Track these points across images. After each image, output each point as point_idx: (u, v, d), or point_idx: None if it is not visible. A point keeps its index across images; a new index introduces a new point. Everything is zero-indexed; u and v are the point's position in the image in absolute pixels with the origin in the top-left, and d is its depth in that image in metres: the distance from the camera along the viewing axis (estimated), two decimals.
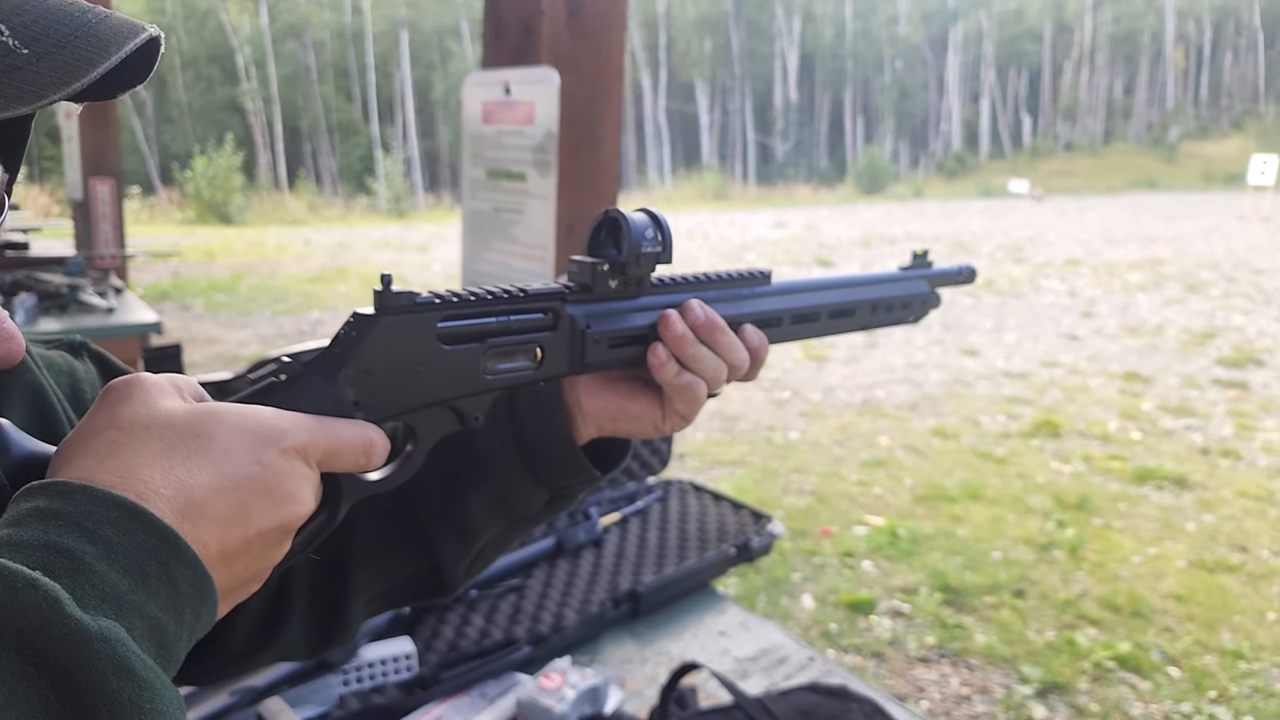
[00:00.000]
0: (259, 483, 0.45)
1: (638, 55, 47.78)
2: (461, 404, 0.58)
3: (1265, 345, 7.95)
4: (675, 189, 41.50)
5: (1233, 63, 58.80)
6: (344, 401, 0.52)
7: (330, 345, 0.53)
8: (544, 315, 0.61)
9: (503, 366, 0.59)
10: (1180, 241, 16.69)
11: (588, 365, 0.63)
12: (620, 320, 0.64)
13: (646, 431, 0.69)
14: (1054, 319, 9.25)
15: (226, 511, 0.44)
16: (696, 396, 0.66)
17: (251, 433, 0.46)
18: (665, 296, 0.67)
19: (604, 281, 0.64)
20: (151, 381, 0.47)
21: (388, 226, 24.15)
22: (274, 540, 0.47)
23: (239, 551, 0.45)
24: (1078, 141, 56.11)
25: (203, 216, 25.99)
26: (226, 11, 40.29)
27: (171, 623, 0.40)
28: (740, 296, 0.71)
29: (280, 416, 0.48)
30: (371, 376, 0.53)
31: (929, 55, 56.53)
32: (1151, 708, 2.78)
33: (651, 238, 0.64)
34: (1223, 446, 5.26)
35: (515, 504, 0.69)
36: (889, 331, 8.64)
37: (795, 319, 0.75)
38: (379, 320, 0.53)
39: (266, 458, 0.46)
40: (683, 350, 0.64)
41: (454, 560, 0.70)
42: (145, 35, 0.44)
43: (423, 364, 0.55)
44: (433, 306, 0.55)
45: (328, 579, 0.69)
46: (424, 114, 44.94)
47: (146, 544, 0.40)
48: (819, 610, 3.36)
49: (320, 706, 1.18)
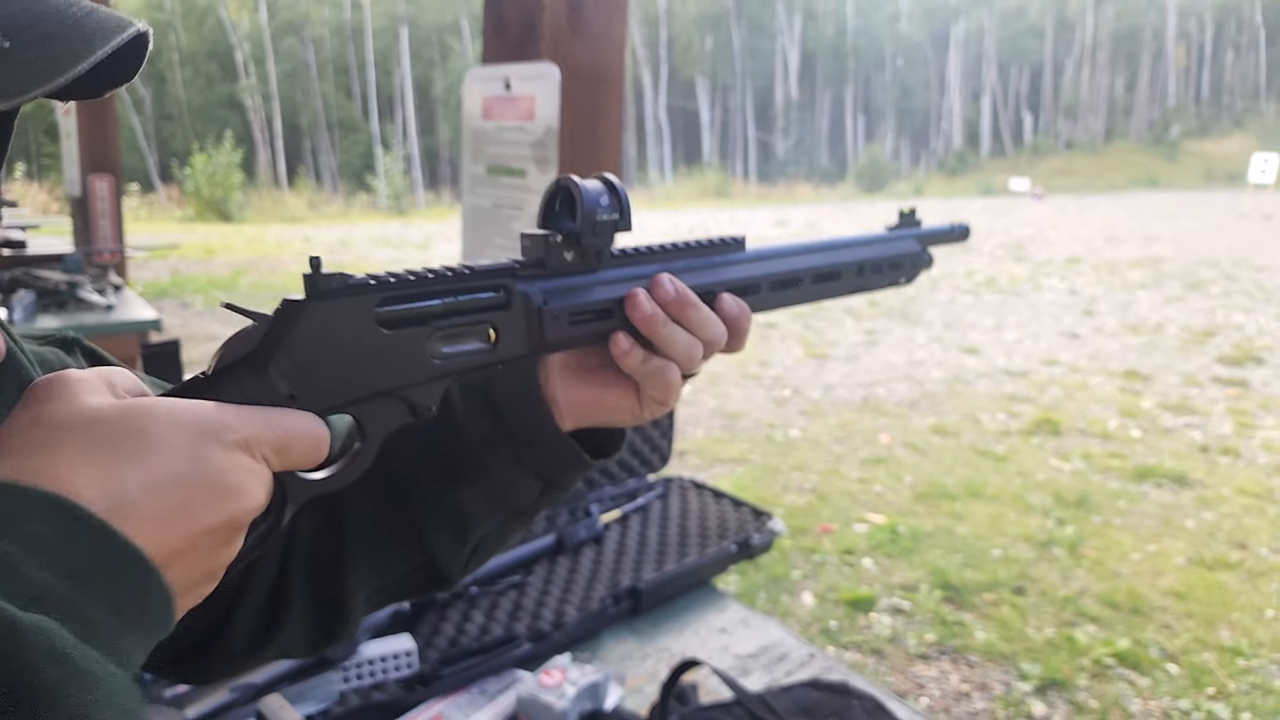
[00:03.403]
0: (200, 478, 0.42)
1: (638, 52, 47.74)
2: (410, 393, 0.54)
3: (1265, 343, 7.94)
4: (676, 186, 41.50)
5: (1234, 60, 58.74)
6: (276, 395, 0.49)
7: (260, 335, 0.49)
8: (495, 294, 0.57)
9: (452, 350, 0.55)
10: (1181, 240, 16.68)
11: (549, 344, 0.59)
12: (581, 295, 0.60)
13: (625, 421, 0.66)
14: (1054, 317, 9.25)
15: (164, 509, 0.41)
16: (669, 381, 0.62)
17: (188, 427, 0.43)
18: (628, 269, 0.62)
19: (558, 254, 0.59)
20: (77, 378, 0.44)
21: (388, 224, 24.15)
22: (223, 538, 0.44)
23: (184, 550, 0.42)
24: (1079, 139, 56.08)
25: (202, 214, 25.99)
26: (226, 8, 40.25)
27: (113, 623, 0.38)
28: (712, 265, 0.66)
29: (222, 409, 0.45)
30: (305, 367, 0.49)
31: (930, 53, 56.47)
32: (1150, 704, 2.79)
33: (607, 205, 0.59)
34: (1222, 444, 5.26)
35: (509, 497, 0.67)
36: (889, 329, 8.64)
37: (775, 285, 0.69)
38: (308, 306, 0.49)
39: (206, 452, 0.43)
40: (654, 332, 0.60)
41: (450, 555, 0.68)
42: (132, 30, 0.43)
43: (363, 351, 0.51)
44: (368, 289, 0.51)
45: (327, 576, 0.68)
46: (424, 111, 44.91)
47: (79, 541, 0.37)
48: (819, 607, 3.36)
49: (320, 703, 1.18)
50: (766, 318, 9.18)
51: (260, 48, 40.51)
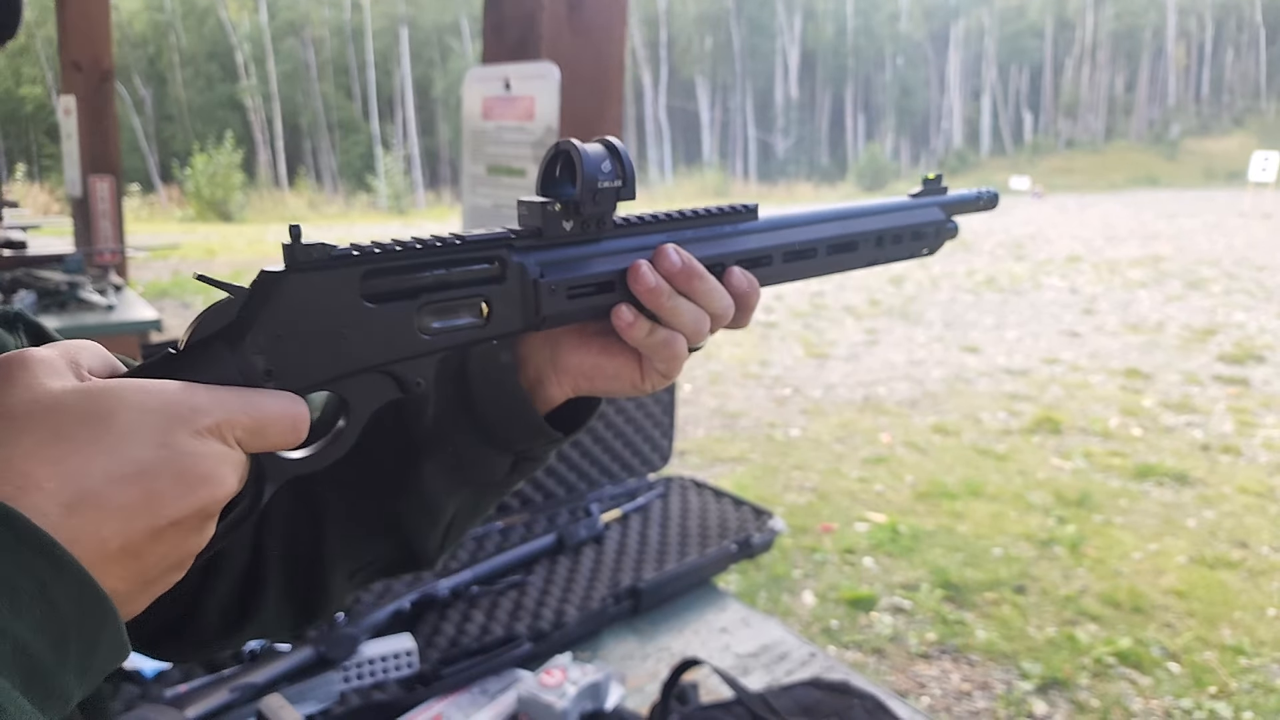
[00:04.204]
0: (168, 466, 0.40)
1: (638, 52, 47.74)
2: (398, 368, 0.51)
3: (1266, 342, 7.94)
4: (676, 186, 41.51)
5: (1234, 59, 58.71)
6: (253, 371, 0.46)
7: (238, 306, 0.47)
8: (489, 265, 0.54)
9: (442, 325, 0.52)
10: (1181, 238, 16.68)
11: (546, 319, 0.56)
12: (580, 267, 0.57)
13: (625, 390, 0.62)
14: (1055, 316, 9.24)
15: (130, 500, 0.39)
16: (676, 353, 0.59)
17: (157, 411, 0.41)
18: (632, 239, 0.59)
19: (556, 223, 0.56)
20: (38, 358, 0.42)
21: (388, 224, 24.16)
22: (192, 527, 0.42)
23: (148, 542, 0.40)
24: (1079, 138, 56.06)
25: (202, 214, 26.00)
26: (226, 8, 40.26)
27: (48, 649, 0.35)
28: (722, 235, 0.62)
29: (192, 391, 0.42)
30: (284, 341, 0.47)
31: (930, 52, 56.45)
32: (1152, 703, 2.79)
33: (609, 171, 0.55)
34: (1223, 443, 5.25)
35: (475, 470, 0.64)
36: (890, 328, 8.65)
37: (788, 256, 0.65)
38: (287, 278, 0.47)
39: (176, 439, 0.41)
40: (658, 304, 0.57)
41: (423, 534, 0.66)
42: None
43: (346, 325, 0.49)
44: (351, 260, 0.48)
45: (302, 556, 0.66)
46: (424, 111, 44.91)
47: (16, 554, 0.35)
48: (820, 606, 3.36)
49: (321, 703, 1.18)
50: (768, 317, 9.18)
51: (260, 48, 40.51)
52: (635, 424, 1.79)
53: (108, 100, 4.70)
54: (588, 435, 1.73)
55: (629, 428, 1.79)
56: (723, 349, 7.65)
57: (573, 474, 1.73)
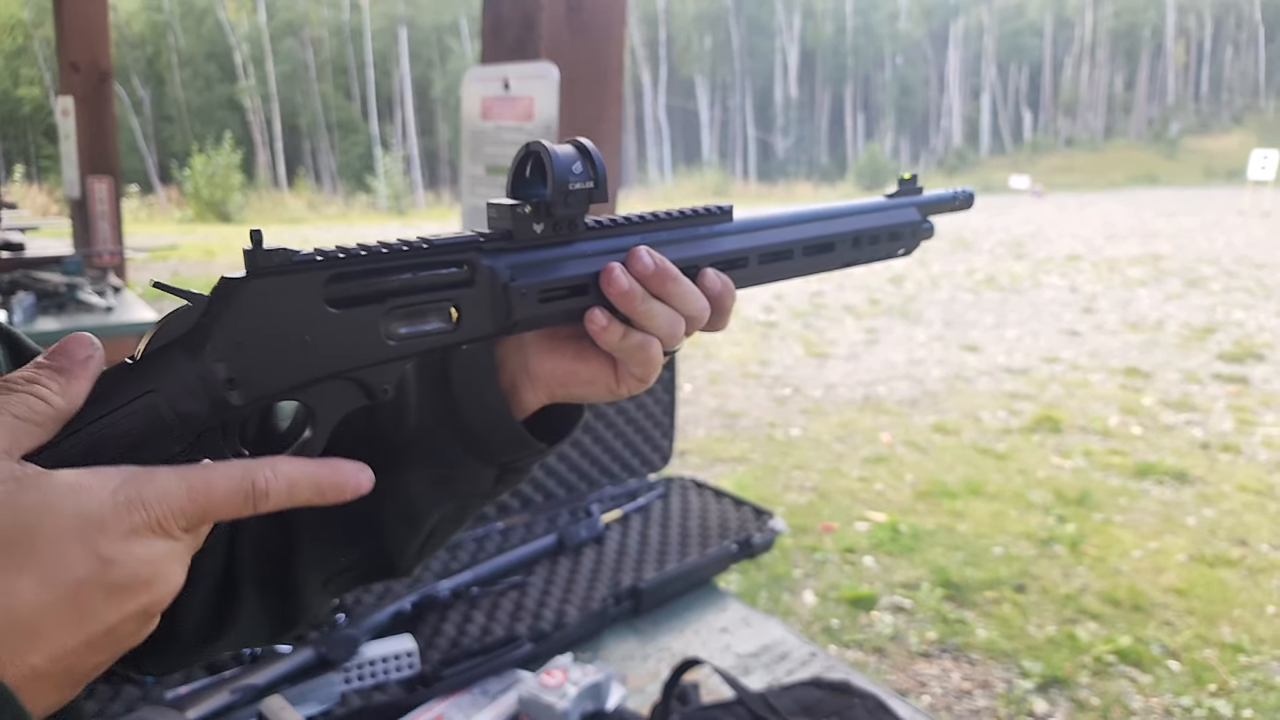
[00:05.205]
0: (102, 581, 0.38)
1: (638, 52, 47.74)
2: (365, 374, 0.51)
3: (1265, 340, 7.94)
4: (676, 186, 41.51)
5: (1233, 57, 58.72)
6: (214, 380, 0.45)
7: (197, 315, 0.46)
8: (458, 269, 0.53)
9: (409, 330, 0.52)
10: (1181, 237, 16.68)
11: (517, 324, 0.55)
12: (552, 270, 0.56)
13: (601, 396, 0.61)
14: (1055, 314, 9.25)
15: (62, 620, 0.37)
16: (650, 357, 0.57)
17: (89, 517, 0.38)
18: (605, 241, 0.58)
19: (527, 226, 0.55)
20: None
21: (388, 224, 24.15)
22: (130, 631, 0.40)
23: (83, 652, 0.38)
24: (1078, 137, 56.07)
25: (201, 215, 26.00)
26: (224, 9, 40.24)
27: None
28: (696, 237, 0.62)
29: (130, 483, 0.40)
30: (246, 349, 0.46)
31: (929, 51, 56.46)
32: (1152, 701, 2.79)
33: (580, 172, 0.55)
34: (1223, 441, 5.25)
35: (459, 482, 0.63)
36: (890, 328, 8.65)
37: (764, 258, 0.65)
38: (248, 283, 0.46)
39: (110, 548, 0.38)
40: (631, 307, 0.56)
41: (402, 543, 0.65)
42: None
43: (310, 331, 0.48)
44: (314, 265, 0.47)
45: (276, 566, 0.65)
46: (423, 111, 44.91)
47: None
48: (820, 606, 3.36)
49: (322, 704, 1.18)
50: (768, 317, 9.18)
51: (259, 49, 40.49)
52: (635, 424, 1.80)
53: (106, 101, 4.70)
54: (587, 435, 1.73)
55: (629, 428, 1.79)
56: (723, 349, 7.65)
57: (573, 474, 1.73)
